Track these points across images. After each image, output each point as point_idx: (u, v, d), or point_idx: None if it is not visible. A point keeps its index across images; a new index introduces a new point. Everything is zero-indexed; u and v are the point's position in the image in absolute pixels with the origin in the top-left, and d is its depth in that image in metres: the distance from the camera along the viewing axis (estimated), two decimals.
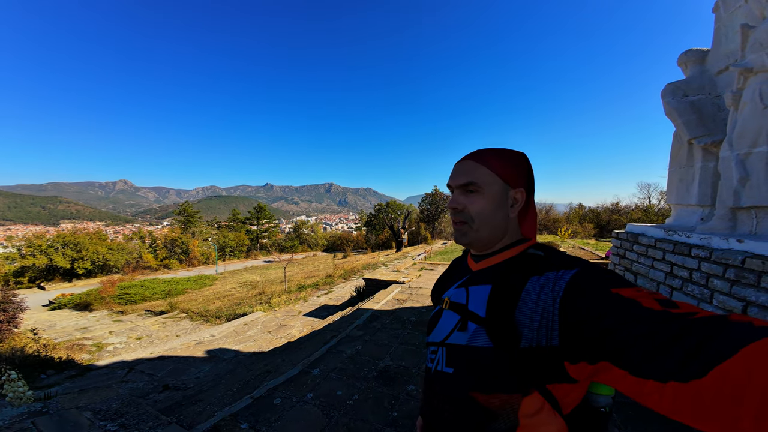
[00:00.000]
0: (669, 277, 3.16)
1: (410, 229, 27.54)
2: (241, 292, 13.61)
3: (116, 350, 7.10)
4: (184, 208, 37.61)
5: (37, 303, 15.00)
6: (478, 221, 0.65)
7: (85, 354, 6.85)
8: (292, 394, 2.72)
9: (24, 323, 8.27)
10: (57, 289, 19.62)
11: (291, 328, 6.79)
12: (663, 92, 3.67)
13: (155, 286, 15.58)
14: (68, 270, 22.39)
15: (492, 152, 0.68)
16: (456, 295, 0.69)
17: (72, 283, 21.51)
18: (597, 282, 0.50)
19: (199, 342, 6.66)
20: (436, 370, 0.66)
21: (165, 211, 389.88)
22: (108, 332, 8.70)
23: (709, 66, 3.62)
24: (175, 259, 28.00)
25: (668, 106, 3.59)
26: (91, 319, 11.22)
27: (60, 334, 8.88)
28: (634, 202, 22.97)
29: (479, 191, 0.65)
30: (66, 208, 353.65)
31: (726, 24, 3.38)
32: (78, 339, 8.06)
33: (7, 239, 27.38)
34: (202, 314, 10.00)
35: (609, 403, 0.61)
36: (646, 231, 3.84)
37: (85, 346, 7.34)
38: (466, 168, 0.67)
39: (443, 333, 0.67)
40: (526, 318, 0.53)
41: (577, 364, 0.49)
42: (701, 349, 0.35)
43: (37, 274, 21.93)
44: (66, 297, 14.84)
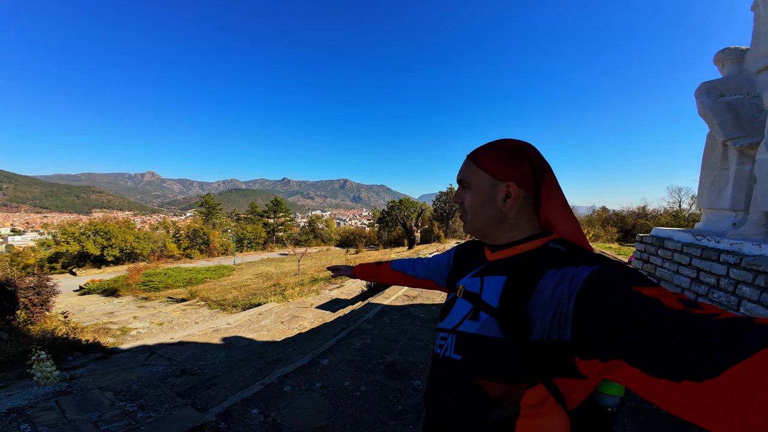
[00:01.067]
0: (694, 283, 3.04)
1: (423, 227, 27.37)
2: (256, 283, 14.01)
3: (139, 335, 7.46)
4: (205, 200, 38.96)
5: (69, 288, 15.83)
6: (471, 214, 0.70)
7: (111, 337, 7.22)
8: (301, 383, 2.79)
9: (55, 307, 8.71)
10: (87, 275, 20.65)
11: (303, 319, 6.94)
12: (697, 91, 3.48)
13: (177, 275, 16.27)
14: (98, 257, 23.61)
15: (485, 148, 0.69)
16: (470, 284, 0.69)
17: (101, 269, 22.65)
18: (618, 279, 0.48)
19: (216, 329, 6.92)
20: (444, 355, 0.67)
21: (188, 203, 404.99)
22: (132, 317, 9.18)
23: (747, 65, 3.40)
24: (197, 249, 29.09)
25: (702, 106, 3.41)
26: (117, 304, 11.80)
27: (88, 317, 9.37)
28: (663, 206, 21.90)
29: (469, 187, 0.70)
30: (98, 198, 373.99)
31: (766, 22, 3.18)
32: (104, 323, 8.49)
33: (43, 226, 29.25)
34: (219, 303, 10.37)
35: (617, 404, 0.59)
36: (673, 235, 3.69)
37: (111, 330, 7.74)
38: (462, 166, 0.72)
39: (455, 320, 0.67)
40: (539, 311, 0.53)
41: (588, 361, 0.48)
42: (719, 349, 0.34)
43: (70, 260, 23.23)
44: (95, 283, 15.62)
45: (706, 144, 3.67)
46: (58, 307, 8.99)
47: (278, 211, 41.55)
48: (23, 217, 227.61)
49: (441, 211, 31.95)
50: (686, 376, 0.35)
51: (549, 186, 0.66)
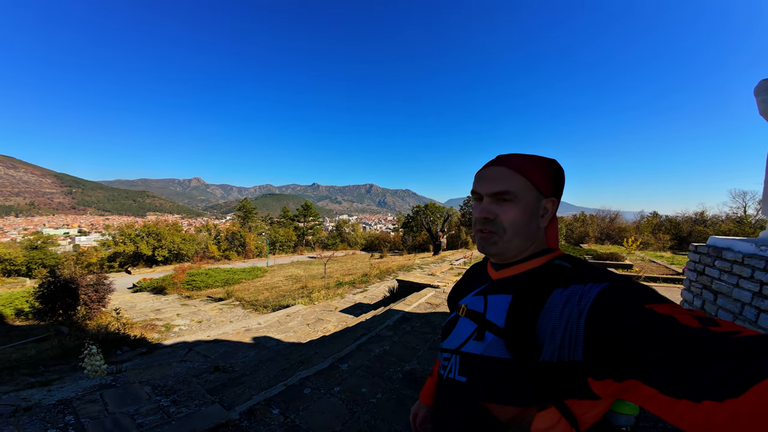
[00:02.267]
0: (757, 298, 2.71)
1: (449, 233, 26.75)
2: (286, 285, 14.51)
3: (180, 331, 7.98)
4: (243, 204, 41.31)
5: (123, 285, 17.23)
6: (510, 232, 0.63)
7: (156, 333, 7.77)
8: (320, 386, 2.83)
9: (111, 303, 9.43)
10: (140, 273, 22.45)
11: (327, 322, 7.06)
12: (757, 89, 3.12)
13: (217, 275, 17.19)
14: (150, 257, 25.68)
15: (525, 158, 0.65)
16: (473, 303, 0.67)
17: (152, 268, 24.54)
18: (629, 297, 0.46)
19: (248, 329, 7.26)
20: (448, 377, 0.65)
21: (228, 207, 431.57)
22: (176, 315, 9.86)
23: None
24: (234, 250, 30.79)
25: (764, 105, 3.05)
26: (164, 302, 12.69)
27: (138, 314, 10.14)
28: (725, 212, 19.59)
29: (514, 200, 0.62)
30: (152, 202, 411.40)
31: None
32: (152, 319, 9.15)
33: (105, 228, 32.70)
34: (252, 303, 10.86)
35: (631, 424, 0.56)
36: (733, 245, 3.30)
37: (156, 326, 8.31)
38: (500, 175, 0.63)
39: (458, 340, 0.65)
40: (547, 331, 0.51)
41: (603, 381, 0.45)
42: (741, 367, 0.32)
43: (126, 260, 25.46)
44: (146, 281, 16.89)
45: None
46: (113, 304, 9.72)
47: (308, 215, 42.93)
48: (89, 219, 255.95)
49: (469, 216, 31.09)
50: (707, 396, 0.33)
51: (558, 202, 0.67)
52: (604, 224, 23.11)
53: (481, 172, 0.67)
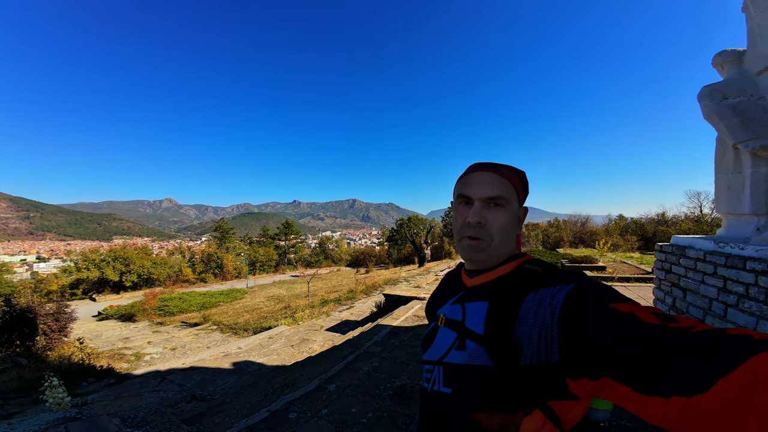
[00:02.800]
0: (722, 293, 2.86)
1: (433, 244, 27.06)
2: (268, 306, 13.97)
3: (152, 360, 7.49)
4: (219, 224, 39.90)
5: (88, 314, 16.12)
6: (498, 237, 0.64)
7: (125, 363, 7.27)
8: (307, 409, 2.70)
9: (73, 333, 8.87)
10: (106, 300, 21.09)
11: (313, 342, 6.82)
12: (700, 95, 3.43)
13: (192, 299, 16.37)
14: (117, 282, 24.08)
15: (508, 167, 0.68)
16: (452, 312, 0.67)
17: (119, 295, 23.02)
18: (594, 297, 0.49)
19: (227, 354, 6.87)
20: (432, 390, 0.63)
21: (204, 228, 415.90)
22: (147, 342, 9.23)
23: (747, 67, 3.35)
24: (211, 273, 29.45)
25: (707, 110, 3.34)
26: (133, 329, 11.93)
27: (104, 343, 9.50)
28: (683, 212, 21.08)
29: (504, 206, 0.64)
30: (118, 225, 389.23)
31: (759, 23, 3.17)
32: (119, 348, 8.58)
33: (66, 253, 30.42)
34: (231, 327, 10.34)
35: (607, 419, 0.59)
36: (694, 243, 3.52)
37: (125, 356, 7.80)
38: (492, 180, 0.64)
39: (440, 351, 0.64)
40: (525, 335, 0.52)
41: (578, 381, 0.47)
42: (703, 364, 0.34)
43: (90, 286, 23.75)
44: (113, 308, 15.84)
45: (716, 147, 3.56)
46: (76, 333, 9.18)
47: (289, 234, 42.05)
48: (48, 245, 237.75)
49: (451, 227, 31.64)
50: (674, 392, 0.35)
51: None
52: (576, 228, 24.21)
53: (469, 176, 0.67)
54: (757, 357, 0.31)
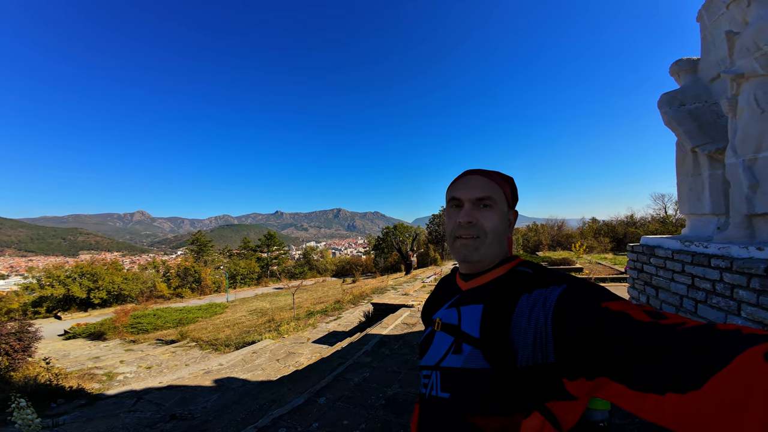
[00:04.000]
0: (691, 290, 3.02)
1: (419, 251, 27.25)
2: (250, 320, 13.50)
3: (126, 379, 7.08)
4: (197, 237, 38.38)
5: (53, 333, 15.12)
6: (491, 236, 0.65)
7: (96, 383, 6.85)
8: (297, 424, 2.62)
9: (38, 352, 8.31)
10: (73, 318, 19.81)
11: (299, 355, 6.64)
12: (659, 102, 3.66)
13: (167, 315, 15.59)
14: (84, 300, 22.67)
15: (497, 173, 0.71)
16: (447, 316, 0.67)
17: (87, 312, 21.70)
18: (586, 297, 0.50)
19: (208, 371, 6.55)
20: (430, 395, 0.63)
21: (179, 241, 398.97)
22: (119, 361, 8.71)
23: (701, 74, 3.61)
24: (188, 287, 28.19)
25: (666, 116, 3.58)
26: (103, 348, 11.29)
27: (72, 363, 8.94)
28: (650, 214, 22.36)
29: (494, 207, 0.66)
30: (85, 240, 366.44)
31: (712, 32, 3.40)
32: (90, 368, 8.09)
33: (28, 270, 28.26)
34: (211, 343, 9.91)
35: (606, 419, 0.59)
36: (662, 243, 3.71)
37: (96, 376, 7.35)
38: (480, 183, 0.67)
39: (437, 356, 0.64)
40: (520, 336, 0.53)
41: (575, 381, 0.47)
42: (695, 360, 0.35)
43: (55, 304, 22.26)
44: (81, 327, 14.93)
45: (676, 152, 3.76)
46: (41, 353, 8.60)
47: (271, 245, 41.05)
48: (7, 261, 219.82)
49: (435, 234, 32.03)
50: (669, 389, 0.36)
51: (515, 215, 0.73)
52: (553, 232, 25.11)
53: (459, 181, 0.70)
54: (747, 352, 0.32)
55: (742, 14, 2.52)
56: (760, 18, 2.33)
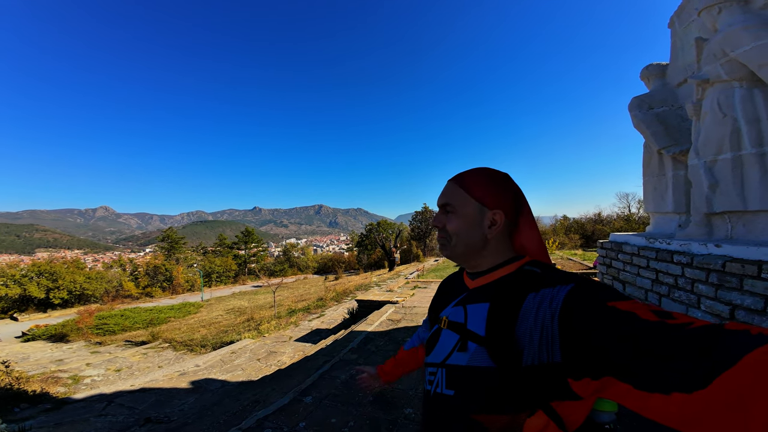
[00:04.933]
0: (656, 284, 3.17)
1: (402, 248, 27.46)
2: (228, 319, 13.11)
3: (94, 383, 6.72)
4: (167, 234, 36.59)
5: (10, 334, 14.29)
6: (455, 239, 0.68)
7: (61, 387, 6.47)
8: (283, 424, 2.58)
9: None
10: (31, 320, 18.72)
11: (281, 354, 6.53)
12: (630, 106, 3.85)
13: (136, 316, 14.92)
14: (43, 300, 21.35)
15: (472, 174, 0.70)
16: (454, 314, 0.68)
17: (47, 313, 20.52)
18: (593, 296, 0.49)
19: (183, 372, 6.31)
20: (435, 392, 0.63)
21: (148, 238, 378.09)
22: (85, 364, 8.24)
23: (669, 79, 3.80)
24: (158, 286, 26.93)
25: (635, 119, 3.76)
26: (66, 350, 10.67)
27: (34, 366, 8.45)
28: (615, 212, 23.63)
29: (455, 212, 0.68)
30: (42, 237, 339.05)
31: (681, 38, 3.57)
32: (53, 371, 7.63)
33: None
34: (186, 343, 9.54)
35: (613, 420, 0.58)
36: (629, 239, 3.87)
37: (61, 379, 6.94)
38: (447, 189, 0.71)
39: (443, 354, 0.65)
40: (526, 335, 0.52)
41: (581, 381, 0.47)
42: (702, 360, 0.35)
43: (10, 305, 20.82)
44: (40, 328, 14.11)
45: (643, 153, 3.94)
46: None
47: (249, 242, 39.89)
48: None
49: (418, 231, 32.37)
50: (675, 388, 0.36)
51: (527, 215, 0.70)
52: None
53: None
54: (755, 352, 0.32)
55: (712, 21, 2.61)
56: (728, 25, 2.44)
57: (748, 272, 2.08)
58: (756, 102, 2.36)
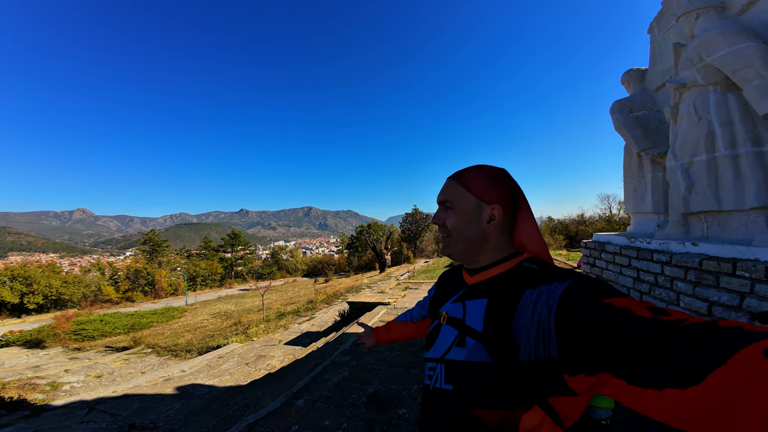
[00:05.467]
0: (637, 282, 3.26)
1: (393, 250, 27.50)
2: (214, 324, 12.79)
3: (74, 389, 6.45)
4: (149, 237, 35.46)
5: None
6: (455, 234, 0.69)
7: (39, 393, 6.21)
8: (274, 428, 2.55)
9: None
10: (4, 325, 17.78)
11: (271, 358, 6.42)
12: (611, 109, 3.97)
13: (116, 321, 14.42)
14: (17, 305, 20.43)
15: (470, 170, 0.71)
16: (453, 310, 0.69)
17: (21, 318, 19.59)
18: (590, 293, 0.50)
19: (168, 378, 6.12)
20: (434, 387, 0.64)
21: (128, 241, 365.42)
22: (63, 370, 7.90)
23: (648, 84, 3.91)
24: (140, 291, 26.05)
25: (617, 122, 3.88)
26: (43, 356, 10.22)
27: (9, 372, 8.09)
28: (598, 213, 24.36)
29: (453, 208, 0.69)
30: (15, 240, 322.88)
31: (660, 44, 3.68)
32: (30, 378, 7.31)
33: None
34: (170, 349, 9.26)
35: (609, 416, 0.59)
36: (611, 239, 3.96)
37: (39, 386, 6.65)
38: (446, 186, 0.72)
39: (442, 349, 0.65)
40: (522, 331, 0.53)
41: (577, 376, 0.48)
42: (695, 356, 0.36)
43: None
44: (15, 334, 13.48)
45: (624, 155, 4.06)
46: None
47: (236, 245, 39.08)
48: None
49: (409, 232, 32.52)
50: (668, 384, 0.36)
51: (526, 211, 0.71)
52: None
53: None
54: (747, 348, 0.33)
55: (690, 27, 2.68)
56: (705, 31, 2.52)
57: (724, 269, 2.16)
58: (730, 106, 2.45)
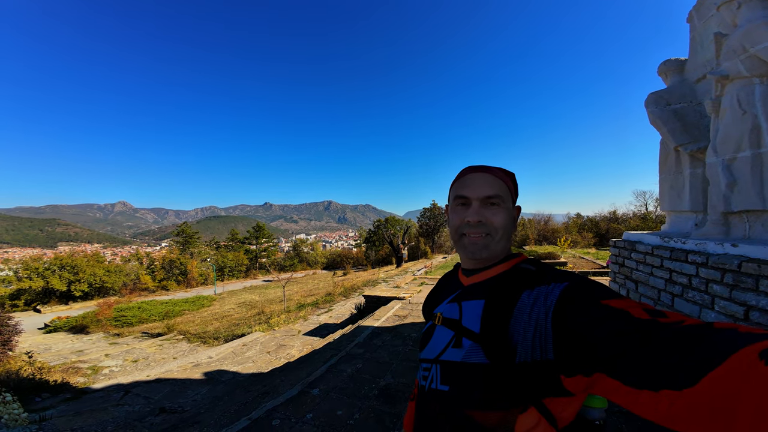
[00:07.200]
0: (669, 284, 3.10)
1: (410, 245, 27.48)
2: (239, 313, 13.42)
3: (112, 373, 6.97)
4: (182, 228, 37.57)
5: (33, 326, 14.78)
6: (500, 233, 0.65)
7: (81, 377, 6.73)
8: (291, 415, 2.66)
9: (19, 346, 8.15)
10: (53, 312, 19.37)
11: (290, 347, 6.66)
12: (646, 102, 3.73)
13: (152, 308, 15.40)
14: (65, 292, 22.15)
15: (500, 169, 0.70)
16: (448, 311, 0.68)
17: (68, 305, 21.25)
18: (587, 294, 0.50)
19: (197, 364, 6.51)
20: (429, 388, 0.64)
21: (163, 233, 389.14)
22: (104, 355, 8.56)
23: (687, 75, 3.65)
24: (173, 280, 27.73)
25: (652, 115, 3.64)
26: (86, 341, 11.05)
27: (55, 357, 8.76)
28: (632, 210, 23.03)
29: (501, 205, 0.66)
30: (64, 231, 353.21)
31: (701, 33, 3.44)
32: (73, 362, 7.94)
33: (3, 262, 27.06)
34: (199, 336, 9.82)
35: (602, 416, 0.59)
36: (643, 238, 3.79)
37: (81, 369, 7.22)
38: (488, 181, 0.67)
39: (437, 349, 0.65)
40: (520, 332, 0.53)
41: (573, 377, 0.48)
42: (691, 358, 0.36)
43: (33, 297, 21.66)
44: (62, 320, 14.64)
45: (660, 150, 3.83)
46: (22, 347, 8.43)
47: (260, 237, 40.58)
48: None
49: (426, 228, 32.30)
50: (664, 385, 0.36)
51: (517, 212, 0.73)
52: (540, 227, 25.68)
53: (465, 178, 0.69)
54: (743, 350, 0.33)
55: (732, 16, 2.53)
56: (748, 20, 2.36)
57: (765, 273, 2.02)
58: None
